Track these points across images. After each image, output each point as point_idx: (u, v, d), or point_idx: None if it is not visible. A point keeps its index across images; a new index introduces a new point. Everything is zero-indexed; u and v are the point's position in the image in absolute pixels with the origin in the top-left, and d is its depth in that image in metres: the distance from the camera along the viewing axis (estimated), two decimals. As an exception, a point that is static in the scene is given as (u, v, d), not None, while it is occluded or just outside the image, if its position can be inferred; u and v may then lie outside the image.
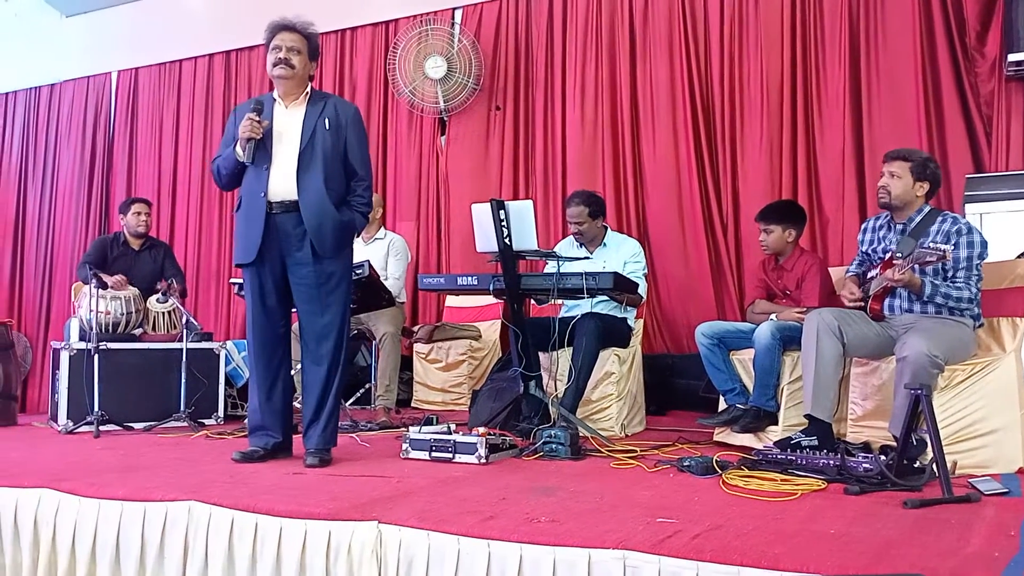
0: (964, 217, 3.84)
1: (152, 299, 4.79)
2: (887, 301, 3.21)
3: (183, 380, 4.45)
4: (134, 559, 2.40)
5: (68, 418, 4.31)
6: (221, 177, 3.31)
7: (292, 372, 3.40)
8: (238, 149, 3.17)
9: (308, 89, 3.27)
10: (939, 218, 3.14)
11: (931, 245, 2.91)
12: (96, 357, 4.22)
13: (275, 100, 3.25)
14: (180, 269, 5.28)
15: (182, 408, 4.42)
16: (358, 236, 3.45)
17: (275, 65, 3.18)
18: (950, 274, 3.07)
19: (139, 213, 5.05)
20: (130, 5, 7.18)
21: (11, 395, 4.88)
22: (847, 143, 4.72)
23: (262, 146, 3.16)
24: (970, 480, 2.57)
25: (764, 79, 4.99)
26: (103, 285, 4.51)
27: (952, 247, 2.92)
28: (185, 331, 4.52)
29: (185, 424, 4.36)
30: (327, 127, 3.19)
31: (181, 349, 4.47)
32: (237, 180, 3.27)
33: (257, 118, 3.10)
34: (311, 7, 6.12)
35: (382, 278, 4.70)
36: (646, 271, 4.27)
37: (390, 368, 4.47)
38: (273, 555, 2.22)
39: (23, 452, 3.60)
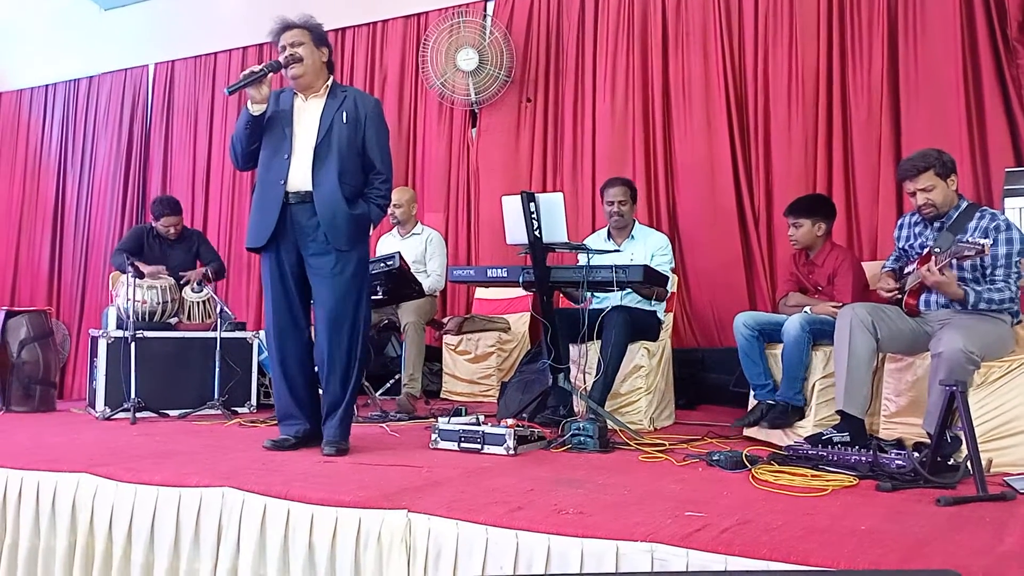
0: (1003, 211, 3.79)
1: (187, 289, 4.87)
2: (923, 296, 3.17)
3: (217, 368, 4.52)
4: (168, 543, 2.45)
5: (105, 404, 4.41)
6: (236, 148, 3.30)
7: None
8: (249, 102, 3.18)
9: (329, 82, 3.30)
10: (977, 214, 3.10)
11: (969, 240, 2.87)
12: (133, 345, 4.31)
13: (295, 94, 3.29)
14: (217, 254, 5.36)
15: (216, 396, 4.49)
16: (375, 228, 3.46)
17: (287, 66, 3.21)
18: (988, 271, 3.02)
19: (168, 227, 5.11)
20: (166, -1, 7.28)
21: (50, 382, 4.99)
22: (884, 136, 4.63)
23: (283, 134, 3.20)
24: (1005, 478, 2.53)
25: (799, 70, 4.92)
26: (140, 274, 4.60)
27: (990, 243, 2.88)
28: (219, 320, 4.59)
29: (219, 412, 4.44)
30: (344, 120, 3.21)
31: (215, 338, 4.54)
32: (252, 157, 3.29)
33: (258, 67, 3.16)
34: (342, 0, 6.25)
35: (419, 272, 4.74)
36: (673, 264, 4.26)
37: (414, 356, 4.50)
38: (304, 542, 2.25)
39: (62, 437, 3.68)
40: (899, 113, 4.64)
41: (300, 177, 3.18)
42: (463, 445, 3.17)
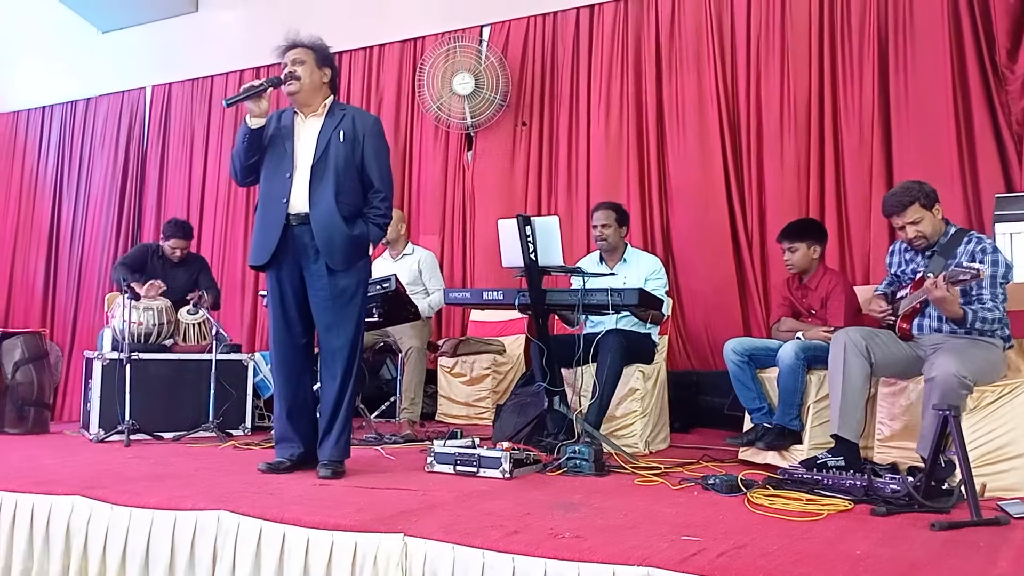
0: (994, 237, 3.83)
1: (183, 311, 4.87)
2: (916, 321, 3.19)
3: (212, 391, 4.51)
4: (163, 567, 2.43)
5: (100, 427, 4.38)
6: (235, 162, 3.30)
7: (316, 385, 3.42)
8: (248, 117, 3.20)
9: (329, 101, 3.30)
10: (964, 239, 3.14)
11: (965, 265, 2.90)
12: (128, 367, 4.30)
13: (295, 112, 3.30)
14: (215, 283, 5.37)
15: (211, 418, 4.48)
16: (374, 247, 3.47)
17: (285, 82, 3.22)
18: (974, 292, 3.05)
19: (174, 248, 5.13)
20: (164, 22, 7.33)
21: (44, 403, 4.97)
22: (875, 161, 4.69)
23: (284, 152, 3.22)
24: (999, 503, 2.53)
25: (791, 95, 4.98)
26: (135, 296, 4.60)
27: (986, 267, 2.91)
28: (214, 342, 4.59)
29: (213, 434, 4.42)
30: (342, 139, 3.21)
31: (210, 360, 4.54)
32: (251, 171, 3.30)
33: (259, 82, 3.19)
34: (340, 24, 6.32)
35: (418, 292, 4.75)
36: (667, 287, 4.27)
37: (415, 382, 4.50)
38: (300, 565, 2.24)
39: (56, 460, 3.66)
40: (890, 138, 4.69)
41: (300, 197, 3.19)
42: (459, 468, 3.17)
